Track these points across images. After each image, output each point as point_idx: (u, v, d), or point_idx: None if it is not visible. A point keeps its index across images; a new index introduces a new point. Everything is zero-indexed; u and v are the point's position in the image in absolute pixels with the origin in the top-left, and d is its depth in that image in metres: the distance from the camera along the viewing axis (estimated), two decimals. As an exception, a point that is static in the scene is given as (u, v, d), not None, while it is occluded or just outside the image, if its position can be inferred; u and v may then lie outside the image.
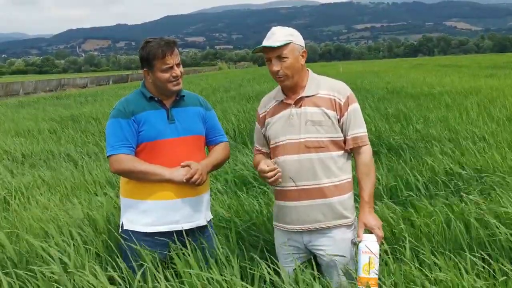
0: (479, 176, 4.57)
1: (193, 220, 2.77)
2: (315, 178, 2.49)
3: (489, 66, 34.67)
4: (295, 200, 2.53)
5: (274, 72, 2.50)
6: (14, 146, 8.71)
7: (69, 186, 5.54)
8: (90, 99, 21.75)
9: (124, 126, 2.68)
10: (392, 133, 7.22)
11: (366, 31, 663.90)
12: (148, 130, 2.69)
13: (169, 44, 2.66)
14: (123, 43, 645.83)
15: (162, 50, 2.62)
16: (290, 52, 2.47)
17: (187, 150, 2.74)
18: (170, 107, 2.77)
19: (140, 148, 2.71)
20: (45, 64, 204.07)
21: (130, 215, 2.76)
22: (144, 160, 2.69)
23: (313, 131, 2.49)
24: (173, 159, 2.69)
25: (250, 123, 9.15)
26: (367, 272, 2.32)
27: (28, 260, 3.14)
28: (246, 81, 26.86)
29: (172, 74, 2.67)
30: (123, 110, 2.71)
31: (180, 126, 2.75)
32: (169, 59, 2.65)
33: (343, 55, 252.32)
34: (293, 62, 2.48)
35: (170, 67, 2.66)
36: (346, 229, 2.55)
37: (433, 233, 3.20)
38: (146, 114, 2.70)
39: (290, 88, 2.56)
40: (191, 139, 2.77)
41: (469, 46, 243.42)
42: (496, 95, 11.70)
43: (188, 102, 2.84)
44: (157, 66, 2.65)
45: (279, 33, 2.49)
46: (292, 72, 2.49)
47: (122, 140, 2.67)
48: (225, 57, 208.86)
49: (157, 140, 2.69)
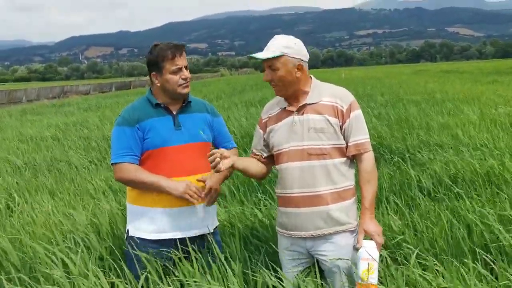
0: (482, 181, 4.57)
1: (198, 228, 2.76)
2: (315, 185, 2.49)
3: (491, 72, 34.65)
4: (298, 206, 2.54)
5: (265, 80, 2.55)
6: (17, 153, 8.75)
7: (72, 193, 5.55)
8: (93, 106, 21.82)
9: (128, 134, 2.68)
10: (394, 139, 7.22)
11: (368, 37, 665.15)
12: (153, 137, 2.68)
13: (178, 46, 2.67)
14: (125, 50, 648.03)
15: (171, 51, 2.63)
16: (282, 64, 2.47)
17: (193, 157, 2.73)
18: (176, 113, 2.75)
19: (146, 155, 2.70)
20: (48, 71, 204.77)
21: (135, 222, 2.76)
22: (150, 167, 2.68)
23: (315, 138, 2.49)
24: (179, 166, 2.68)
25: (253, 129, 9.15)
26: (366, 278, 2.32)
27: (31, 266, 3.15)
28: (249, 87, 26.92)
29: (182, 76, 2.67)
30: (128, 118, 2.71)
31: (187, 133, 2.73)
32: (179, 60, 2.65)
33: (345, 61, 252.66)
34: (284, 75, 2.48)
35: (180, 69, 2.66)
36: (349, 235, 2.56)
37: (435, 238, 3.20)
38: (152, 122, 2.69)
39: (288, 97, 2.58)
40: (197, 146, 2.75)
41: (471, 52, 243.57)
42: (498, 101, 11.70)
43: (194, 108, 2.83)
44: (167, 67, 2.64)
45: (277, 43, 2.48)
46: (283, 84, 2.50)
47: (126, 148, 2.67)
48: (227, 64, 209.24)
49: (163, 148, 2.68)
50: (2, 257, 3.31)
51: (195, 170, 2.73)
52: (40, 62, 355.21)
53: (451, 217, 3.48)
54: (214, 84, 40.38)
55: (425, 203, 4.08)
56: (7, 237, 3.50)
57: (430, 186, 4.68)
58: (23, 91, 35.95)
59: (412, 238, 3.21)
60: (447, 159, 5.50)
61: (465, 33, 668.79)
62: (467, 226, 3.34)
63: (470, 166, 4.95)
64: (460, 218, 3.48)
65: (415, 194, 4.45)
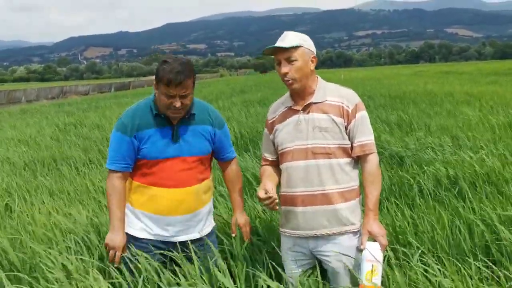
0: (482, 182, 4.57)
1: (188, 233, 2.77)
2: (321, 184, 2.49)
3: (490, 73, 34.69)
4: (301, 205, 2.53)
5: (283, 74, 2.50)
6: (17, 153, 8.74)
7: (72, 193, 5.55)
8: (92, 106, 21.82)
9: (124, 142, 2.67)
10: (393, 140, 7.22)
11: (368, 38, 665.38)
12: (150, 148, 2.66)
13: (180, 74, 2.51)
14: (124, 50, 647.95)
15: (168, 79, 2.50)
16: (300, 55, 2.48)
17: (187, 170, 2.71)
18: (176, 124, 2.70)
19: (142, 163, 2.70)
20: (47, 71, 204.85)
21: (128, 220, 2.78)
22: (146, 175, 2.70)
23: (320, 137, 2.49)
24: (172, 178, 2.68)
25: (252, 130, 9.16)
26: (369, 280, 2.32)
27: (31, 266, 3.14)
28: (248, 87, 26.93)
29: (172, 104, 2.56)
30: (127, 125, 2.68)
31: (184, 146, 2.70)
32: (172, 90, 2.52)
33: (344, 62, 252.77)
34: (302, 65, 2.49)
35: (172, 96, 2.55)
36: (352, 236, 2.55)
37: (437, 238, 3.20)
38: (150, 132, 2.66)
39: (298, 93, 2.57)
40: (193, 160, 2.72)
41: (470, 53, 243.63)
42: (498, 102, 11.71)
43: (197, 120, 2.75)
44: (161, 89, 2.56)
45: (291, 35, 2.50)
46: (300, 76, 2.49)
47: (119, 155, 2.69)
48: (226, 64, 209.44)
49: (158, 159, 2.66)
50: (2, 256, 3.31)
51: (188, 183, 2.72)
52: (39, 63, 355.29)
53: (452, 217, 3.48)
54: (214, 84, 40.38)
55: (425, 204, 4.08)
56: (6, 237, 3.49)
57: (430, 187, 4.68)
58: (22, 92, 35.93)
59: (413, 238, 3.21)
60: (448, 159, 5.50)
61: (464, 34, 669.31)
62: (468, 227, 3.33)
63: (470, 167, 4.95)
64: (462, 219, 3.47)
65: (415, 195, 4.46)
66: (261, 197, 2.41)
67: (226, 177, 2.99)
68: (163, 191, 2.68)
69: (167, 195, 2.68)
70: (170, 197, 2.68)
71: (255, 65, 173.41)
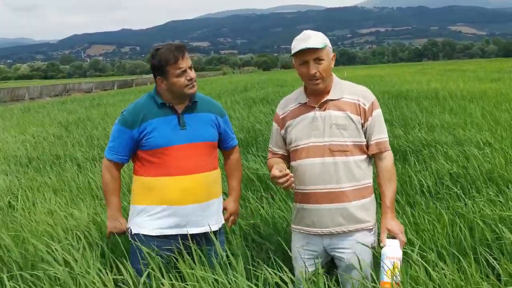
0: (484, 180, 4.56)
1: (200, 225, 2.75)
2: (337, 182, 2.48)
3: (494, 71, 34.56)
4: (317, 203, 2.52)
5: (311, 74, 2.47)
6: (19, 150, 8.76)
7: (74, 190, 5.56)
8: (95, 103, 21.84)
9: (124, 136, 2.73)
10: (397, 138, 7.21)
11: (371, 35, 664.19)
12: (156, 137, 2.68)
13: (180, 48, 2.66)
14: (128, 48, 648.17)
15: (174, 55, 2.61)
16: (326, 55, 2.49)
17: (197, 156, 2.73)
18: (181, 112, 2.75)
19: (150, 154, 2.71)
20: (50, 69, 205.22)
21: (138, 220, 2.76)
22: (155, 166, 2.70)
23: (337, 134, 2.49)
24: (183, 166, 2.68)
25: (255, 127, 9.15)
26: (391, 277, 2.30)
27: (33, 263, 3.15)
28: (251, 85, 26.87)
29: (187, 78, 2.66)
30: (129, 118, 2.72)
31: (192, 132, 2.73)
32: (182, 63, 2.63)
33: (347, 59, 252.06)
34: (328, 64, 2.50)
35: (184, 71, 2.65)
36: (367, 233, 2.55)
37: (437, 236, 3.20)
38: (156, 121, 2.70)
39: (319, 91, 2.55)
40: (202, 146, 2.75)
41: (474, 51, 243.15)
42: (501, 99, 11.67)
43: (200, 108, 2.81)
44: (171, 72, 2.64)
45: (315, 35, 2.49)
46: (326, 75, 2.51)
47: (117, 147, 2.77)
48: (229, 62, 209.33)
49: (166, 147, 2.68)
50: (4, 254, 3.31)
51: (199, 169, 2.73)
52: (42, 60, 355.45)
53: (452, 216, 3.48)
54: (217, 82, 40.34)
55: (426, 202, 4.08)
56: (8, 234, 3.51)
57: (432, 185, 4.67)
58: (25, 89, 36.00)
59: (413, 235, 3.20)
60: (450, 157, 5.49)
61: (467, 32, 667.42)
62: (469, 225, 3.33)
63: (473, 165, 4.94)
64: (463, 217, 3.47)
65: (416, 193, 4.45)
66: (276, 175, 2.37)
67: (228, 164, 3.07)
68: (173, 180, 2.68)
69: (177, 184, 2.68)
70: (180, 186, 2.68)
71: (258, 63, 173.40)
